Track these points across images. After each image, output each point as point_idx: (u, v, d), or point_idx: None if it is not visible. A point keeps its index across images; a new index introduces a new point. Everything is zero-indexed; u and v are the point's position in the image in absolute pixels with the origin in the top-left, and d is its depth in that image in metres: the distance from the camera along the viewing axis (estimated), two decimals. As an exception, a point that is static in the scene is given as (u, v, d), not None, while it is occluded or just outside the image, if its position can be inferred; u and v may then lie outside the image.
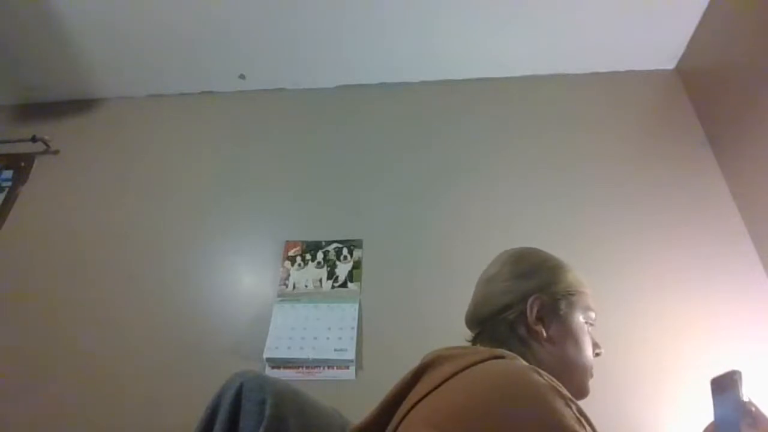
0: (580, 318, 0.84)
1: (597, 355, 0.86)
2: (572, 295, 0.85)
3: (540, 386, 0.57)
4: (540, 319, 0.81)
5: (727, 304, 1.39)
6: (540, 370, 0.61)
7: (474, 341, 0.88)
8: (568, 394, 0.59)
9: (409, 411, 0.65)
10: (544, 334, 0.80)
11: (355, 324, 1.47)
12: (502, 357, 0.68)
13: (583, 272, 0.92)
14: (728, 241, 1.49)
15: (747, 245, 1.48)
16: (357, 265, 1.58)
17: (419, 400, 0.64)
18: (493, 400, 0.58)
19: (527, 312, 0.81)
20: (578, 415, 0.57)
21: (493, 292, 0.87)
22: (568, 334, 0.82)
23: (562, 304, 0.83)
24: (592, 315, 0.87)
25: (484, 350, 0.71)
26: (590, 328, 0.86)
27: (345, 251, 1.61)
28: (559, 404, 0.56)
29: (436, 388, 0.64)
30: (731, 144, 1.58)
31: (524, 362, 0.67)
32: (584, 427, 0.56)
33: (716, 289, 1.42)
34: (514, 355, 0.70)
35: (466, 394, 0.61)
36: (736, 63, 1.56)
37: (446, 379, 0.64)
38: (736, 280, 1.43)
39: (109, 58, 1.93)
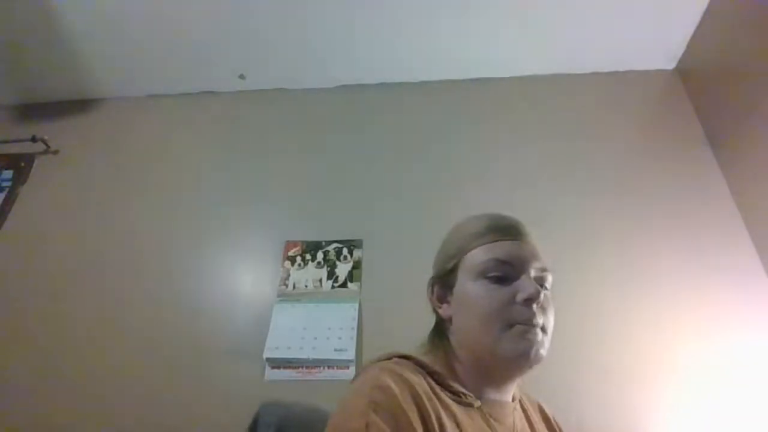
0: (470, 284, 0.73)
1: (526, 302, 0.68)
2: (456, 263, 0.76)
3: (354, 406, 0.60)
4: (443, 301, 0.78)
5: (726, 303, 1.40)
6: (382, 376, 0.63)
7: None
8: (380, 415, 0.58)
9: None
10: (448, 315, 0.77)
11: (355, 324, 1.47)
12: (388, 359, 0.71)
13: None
14: (728, 241, 1.49)
15: (747, 245, 1.48)
16: (357, 265, 1.58)
17: None
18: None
19: (431, 301, 0.81)
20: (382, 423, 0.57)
21: None
22: (459, 304, 0.74)
23: (451, 279, 0.77)
24: (494, 264, 0.72)
25: (382, 355, 0.73)
26: (496, 279, 0.71)
27: (345, 251, 1.61)
28: (356, 422, 0.57)
29: None
30: (731, 144, 1.58)
31: (396, 365, 0.67)
32: None
33: (716, 289, 1.42)
34: (400, 358, 0.71)
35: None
36: (736, 63, 1.56)
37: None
38: (735, 279, 1.43)
39: (109, 58, 1.93)
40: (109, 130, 2.00)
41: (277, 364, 1.44)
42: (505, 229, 0.76)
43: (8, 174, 1.91)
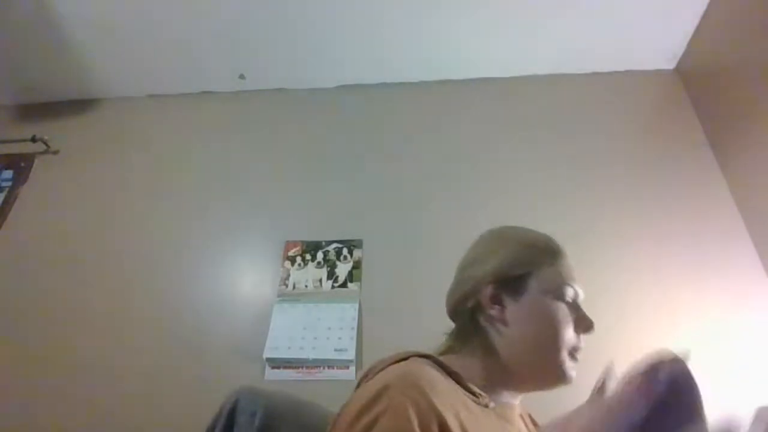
0: (544, 299, 0.75)
1: (585, 331, 0.76)
2: (530, 273, 0.77)
3: (391, 398, 0.58)
4: (498, 303, 0.77)
5: (726, 303, 1.40)
6: (414, 372, 0.62)
7: (450, 335, 0.85)
8: (425, 403, 0.58)
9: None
10: (503, 317, 0.75)
11: (355, 324, 1.47)
12: (405, 359, 0.69)
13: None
14: (728, 241, 1.49)
15: (747, 245, 1.48)
16: (357, 265, 1.58)
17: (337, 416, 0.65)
18: (348, 410, 0.61)
19: (481, 297, 0.77)
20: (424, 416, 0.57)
21: (457, 282, 0.85)
22: (528, 315, 0.75)
23: (520, 284, 0.76)
24: (569, 290, 0.77)
25: (391, 357, 0.71)
26: (567, 305, 0.76)
27: (345, 251, 1.61)
28: (395, 420, 0.56)
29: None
30: (731, 144, 1.58)
31: (417, 364, 0.66)
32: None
33: (715, 289, 1.42)
34: (418, 357, 0.70)
35: (344, 407, 0.63)
36: (736, 63, 1.56)
37: (355, 389, 0.67)
38: (735, 279, 1.43)
39: (109, 58, 1.93)
40: (109, 130, 2.00)
41: (277, 364, 1.44)
42: (563, 254, 0.81)
43: (8, 174, 1.91)
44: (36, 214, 1.81)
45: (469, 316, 0.79)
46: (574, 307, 0.77)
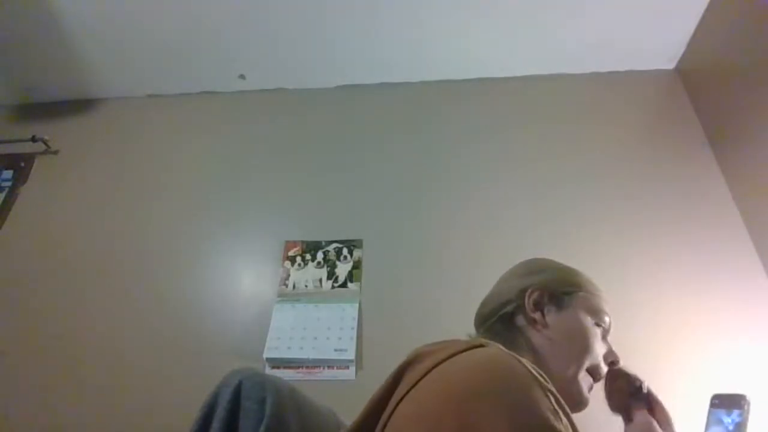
0: (585, 317, 0.82)
1: (611, 364, 0.83)
2: (577, 292, 0.83)
3: (519, 373, 0.56)
4: (539, 308, 0.81)
5: (726, 305, 1.39)
6: (521, 358, 0.59)
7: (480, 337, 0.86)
8: (549, 385, 0.57)
9: (392, 412, 0.63)
10: (543, 320, 0.80)
11: (355, 324, 1.47)
12: (482, 346, 0.66)
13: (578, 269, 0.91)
14: (728, 242, 1.49)
15: (747, 245, 1.48)
16: (357, 265, 1.58)
17: (401, 399, 0.63)
18: (469, 384, 0.57)
19: (525, 301, 0.82)
20: (555, 406, 0.55)
21: (498, 291, 0.89)
22: (567, 326, 0.80)
23: (566, 299, 0.82)
24: (606, 319, 0.84)
25: (463, 341, 0.68)
26: (601, 333, 0.84)
27: (345, 251, 1.61)
28: (537, 392, 0.54)
29: (416, 384, 0.62)
30: (731, 144, 1.58)
31: (506, 350, 0.64)
32: (560, 420, 0.54)
33: (716, 290, 1.42)
34: (496, 344, 0.67)
35: (444, 383, 0.60)
36: (736, 63, 1.56)
37: (426, 374, 0.62)
38: (735, 280, 1.43)
39: (109, 58, 1.93)
40: (109, 130, 2.00)
41: (277, 364, 1.44)
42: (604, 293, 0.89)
43: (8, 174, 1.91)
44: (36, 214, 1.81)
45: (507, 320, 0.83)
46: (605, 338, 0.84)
